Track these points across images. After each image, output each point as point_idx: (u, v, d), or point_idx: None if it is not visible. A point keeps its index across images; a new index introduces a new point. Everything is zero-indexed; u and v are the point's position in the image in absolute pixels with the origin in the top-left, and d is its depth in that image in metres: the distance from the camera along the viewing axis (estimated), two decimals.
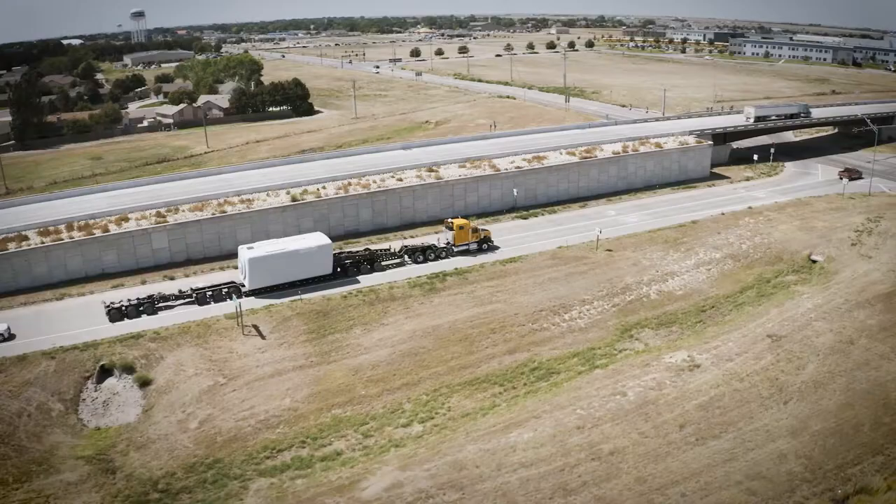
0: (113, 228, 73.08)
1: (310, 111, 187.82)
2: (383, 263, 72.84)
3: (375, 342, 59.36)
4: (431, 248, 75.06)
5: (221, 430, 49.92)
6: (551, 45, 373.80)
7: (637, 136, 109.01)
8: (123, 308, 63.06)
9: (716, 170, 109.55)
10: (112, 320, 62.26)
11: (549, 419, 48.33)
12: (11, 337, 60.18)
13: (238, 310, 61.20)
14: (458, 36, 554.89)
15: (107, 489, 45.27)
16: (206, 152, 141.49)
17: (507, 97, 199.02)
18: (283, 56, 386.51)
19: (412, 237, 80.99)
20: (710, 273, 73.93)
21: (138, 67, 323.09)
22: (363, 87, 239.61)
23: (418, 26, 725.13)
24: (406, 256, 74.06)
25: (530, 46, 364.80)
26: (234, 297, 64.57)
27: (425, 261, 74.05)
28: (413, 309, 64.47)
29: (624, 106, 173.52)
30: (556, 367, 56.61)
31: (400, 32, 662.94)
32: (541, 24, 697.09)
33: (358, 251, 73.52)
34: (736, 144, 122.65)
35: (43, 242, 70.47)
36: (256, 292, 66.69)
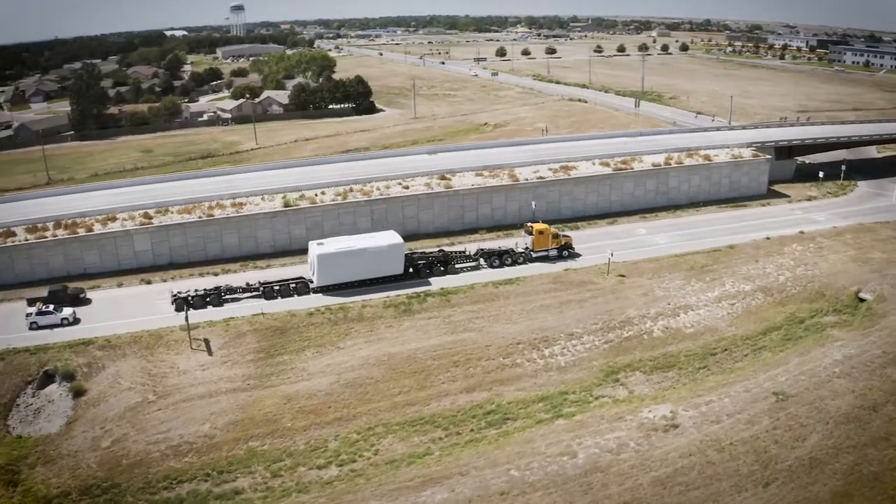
0: (98, 228, 71.43)
1: (371, 109, 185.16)
2: (457, 266, 70.53)
3: (322, 368, 54.21)
4: (509, 252, 71.87)
5: (130, 453, 46.47)
6: (643, 48, 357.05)
7: (689, 146, 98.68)
8: (190, 298, 62.47)
9: (776, 187, 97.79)
10: (178, 310, 61.31)
11: (475, 478, 41.57)
12: (77, 321, 60.66)
13: (187, 322, 57.62)
14: (554, 36, 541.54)
15: (2, 503, 42.87)
16: (252, 149, 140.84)
17: (579, 100, 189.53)
18: (381, 54, 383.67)
19: (409, 250, 75.34)
20: (733, 309, 64.30)
21: (227, 61, 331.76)
22: (435, 86, 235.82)
23: (518, 26, 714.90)
24: (482, 260, 71.42)
25: (621, 49, 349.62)
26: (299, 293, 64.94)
27: (501, 265, 71.02)
28: (377, 332, 58.87)
29: (700, 113, 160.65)
30: (516, 412, 49.58)
31: (498, 31, 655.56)
32: (644, 26, 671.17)
33: (432, 252, 71.02)
34: (809, 159, 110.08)
35: (27, 239, 69.64)
36: (325, 289, 65.03)
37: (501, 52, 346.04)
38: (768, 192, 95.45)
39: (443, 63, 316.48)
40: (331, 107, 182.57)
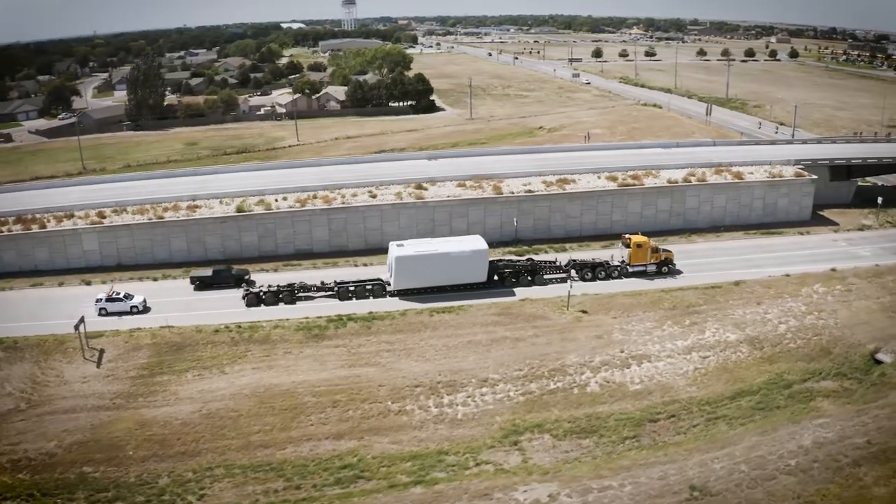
0: (52, 225, 70.17)
1: (430, 108, 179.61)
2: (545, 277, 66.78)
3: (193, 393, 49.31)
4: (603, 265, 67.60)
5: None
6: (750, 53, 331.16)
7: (723, 161, 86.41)
8: (262, 294, 61.56)
9: (828, 212, 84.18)
10: (249, 305, 61.13)
11: None
12: (147, 310, 60.45)
13: (83, 330, 54.75)
14: (667, 39, 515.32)
15: None
16: (291, 146, 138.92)
17: (653, 105, 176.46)
18: (490, 54, 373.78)
19: (366, 265, 69.62)
20: (704, 363, 53.73)
21: (325, 55, 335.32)
22: (511, 86, 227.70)
23: (634, 27, 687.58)
24: (573, 272, 66.66)
25: (724, 53, 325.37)
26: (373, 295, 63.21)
27: (594, 279, 66.82)
28: (271, 358, 53.35)
29: (782, 124, 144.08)
30: (375, 470, 42.37)
31: (612, 32, 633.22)
32: (766, 31, 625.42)
33: (519, 260, 67.85)
34: (882, 181, 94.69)
35: None
36: (402, 293, 63.02)
37: (597, 54, 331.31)
38: (813, 218, 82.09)
39: (516, 58, 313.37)
40: (391, 104, 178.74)
